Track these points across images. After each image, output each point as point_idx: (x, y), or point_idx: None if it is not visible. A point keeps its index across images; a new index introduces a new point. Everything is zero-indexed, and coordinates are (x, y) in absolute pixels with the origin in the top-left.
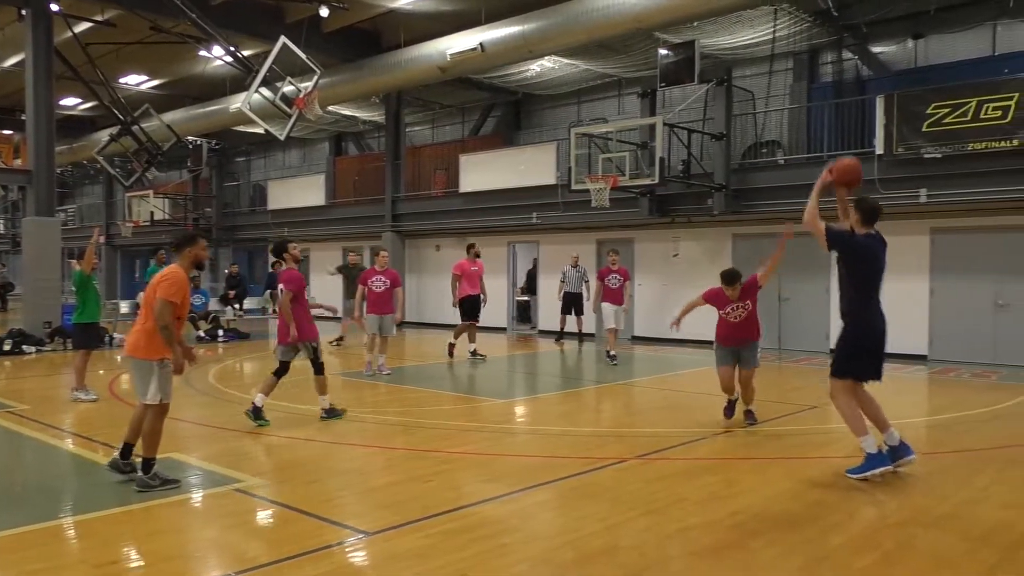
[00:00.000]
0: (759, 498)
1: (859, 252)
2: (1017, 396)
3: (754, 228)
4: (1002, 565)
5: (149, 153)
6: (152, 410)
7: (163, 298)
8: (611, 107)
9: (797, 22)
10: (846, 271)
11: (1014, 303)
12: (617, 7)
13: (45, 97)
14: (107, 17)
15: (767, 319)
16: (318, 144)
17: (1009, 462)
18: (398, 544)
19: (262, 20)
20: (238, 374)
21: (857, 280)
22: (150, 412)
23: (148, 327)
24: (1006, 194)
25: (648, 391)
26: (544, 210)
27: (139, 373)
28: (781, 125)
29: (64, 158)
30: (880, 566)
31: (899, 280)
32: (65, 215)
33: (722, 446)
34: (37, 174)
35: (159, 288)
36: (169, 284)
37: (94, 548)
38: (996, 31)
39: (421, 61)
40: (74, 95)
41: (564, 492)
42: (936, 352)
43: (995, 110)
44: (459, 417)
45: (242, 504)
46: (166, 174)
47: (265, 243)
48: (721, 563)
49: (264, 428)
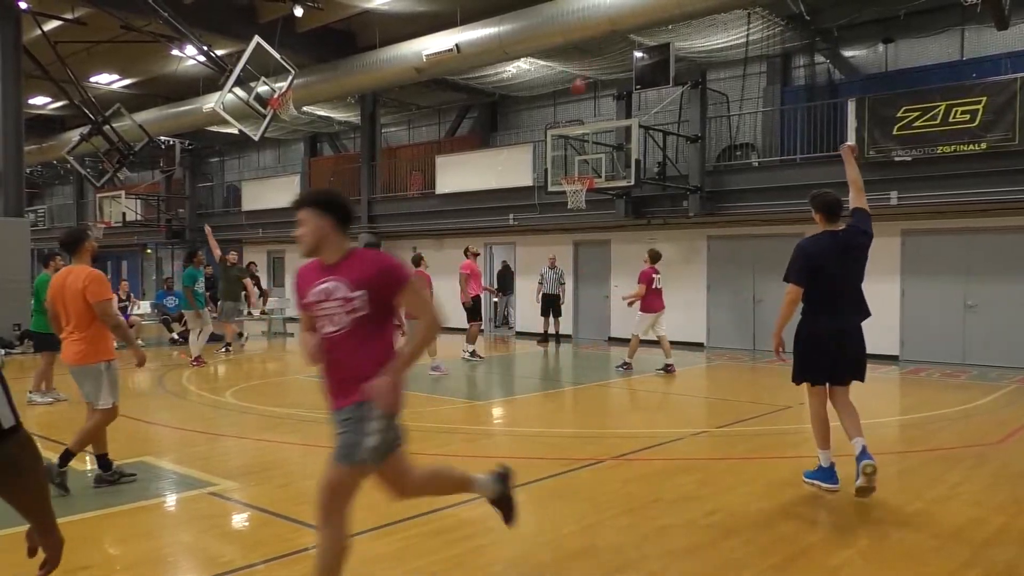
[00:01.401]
0: (735, 497)
1: (808, 263)
2: (986, 395)
3: (729, 230)
4: (973, 562)
5: (120, 153)
6: (104, 414)
7: (103, 300)
8: (587, 109)
9: (770, 26)
10: None
11: (983, 304)
12: (592, 9)
13: (13, 96)
14: (77, 15)
15: (742, 320)
16: (293, 145)
17: (979, 460)
18: (374, 546)
19: (235, 19)
20: (212, 376)
21: (809, 285)
22: (99, 415)
23: (92, 333)
24: (975, 196)
25: (624, 392)
26: (521, 211)
27: (89, 380)
28: (755, 128)
29: (33, 158)
30: (854, 563)
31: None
32: (35, 216)
33: (698, 446)
34: (5, 174)
35: (89, 292)
36: (99, 284)
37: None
38: (964, 36)
39: (397, 62)
40: (44, 94)
41: (541, 493)
42: (907, 353)
43: (964, 114)
44: (435, 419)
45: (216, 507)
46: (138, 174)
47: (240, 244)
48: (698, 562)
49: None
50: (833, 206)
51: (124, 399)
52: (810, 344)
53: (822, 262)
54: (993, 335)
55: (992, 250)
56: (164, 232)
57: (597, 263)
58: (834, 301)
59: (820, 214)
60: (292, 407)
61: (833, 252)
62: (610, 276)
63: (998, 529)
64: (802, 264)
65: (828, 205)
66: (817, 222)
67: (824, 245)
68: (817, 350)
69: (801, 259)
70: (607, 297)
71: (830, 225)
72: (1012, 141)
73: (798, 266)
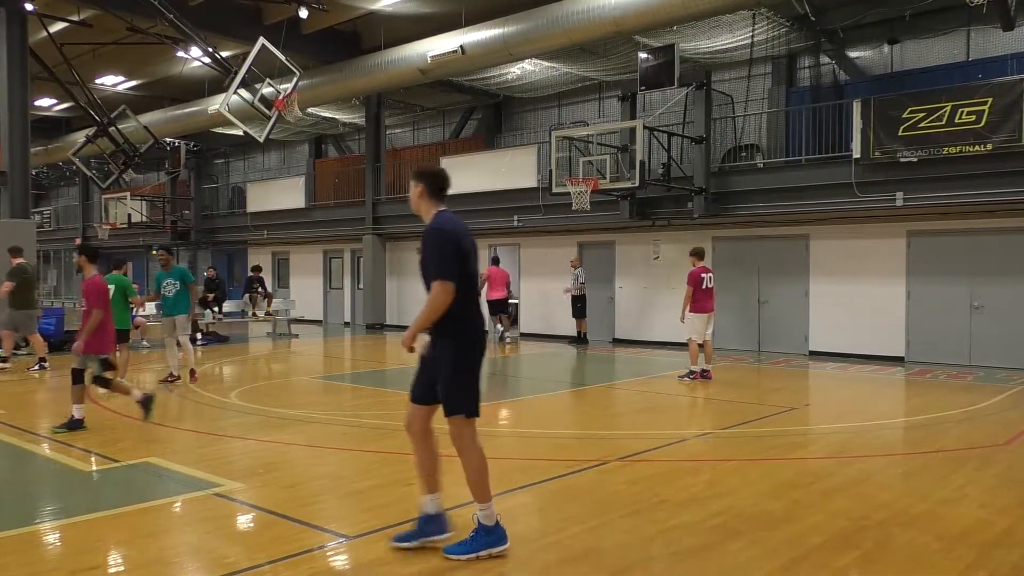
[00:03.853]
0: (739, 499)
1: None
2: (992, 397)
3: (734, 231)
4: (978, 563)
5: (126, 155)
6: None
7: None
8: (591, 110)
9: (775, 27)
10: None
11: (989, 305)
12: (596, 10)
13: (20, 97)
14: (83, 17)
15: (747, 322)
16: (298, 146)
17: (985, 462)
18: (379, 548)
19: (241, 21)
20: (217, 377)
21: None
22: None
23: None
24: (980, 197)
25: (629, 393)
26: (525, 213)
27: None
28: (760, 129)
29: (39, 159)
30: (859, 565)
31: (877, 283)
32: (40, 217)
33: (703, 448)
34: (12, 175)
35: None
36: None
37: (72, 554)
38: (970, 37)
39: (401, 63)
40: (49, 95)
41: (546, 494)
42: (913, 354)
43: (969, 114)
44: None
45: (221, 509)
46: (144, 176)
47: (244, 245)
48: (702, 563)
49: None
50: (444, 179)
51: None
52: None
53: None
54: (999, 336)
55: (998, 251)
56: (169, 233)
57: (602, 264)
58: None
59: (425, 186)
60: (298, 408)
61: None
62: (615, 277)
63: (1004, 531)
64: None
65: (439, 177)
66: (423, 205)
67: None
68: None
69: (447, 235)
70: (612, 299)
71: (438, 205)
72: (1018, 142)
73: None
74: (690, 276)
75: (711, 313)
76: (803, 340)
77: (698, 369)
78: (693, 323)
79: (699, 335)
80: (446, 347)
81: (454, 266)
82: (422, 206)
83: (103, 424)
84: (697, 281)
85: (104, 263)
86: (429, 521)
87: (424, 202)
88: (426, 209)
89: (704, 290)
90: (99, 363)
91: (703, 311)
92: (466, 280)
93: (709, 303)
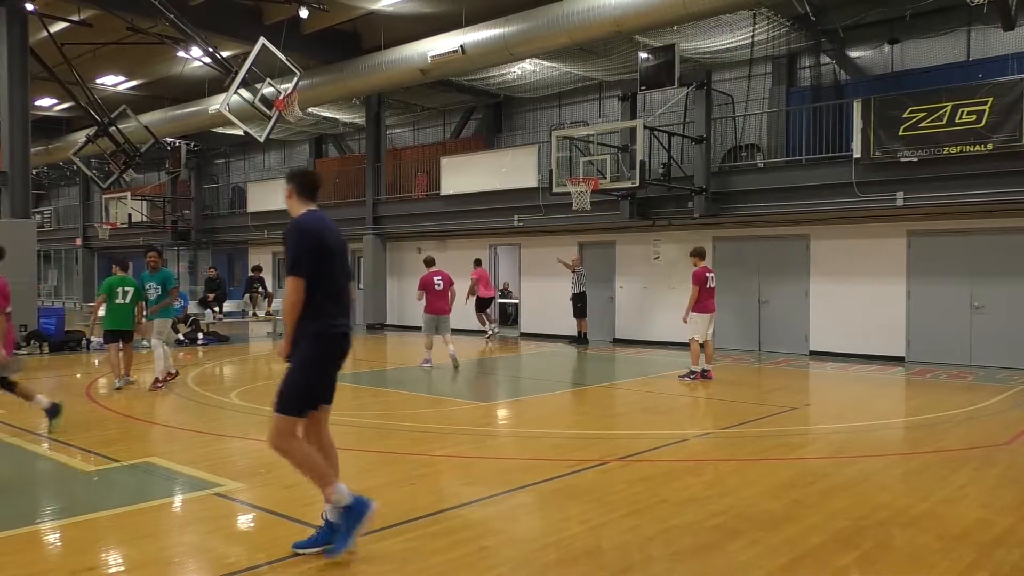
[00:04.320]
0: (740, 499)
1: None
2: (993, 397)
3: (734, 231)
4: (979, 563)
5: (127, 154)
6: None
7: None
8: (592, 110)
9: (776, 27)
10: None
11: (989, 305)
12: (597, 10)
13: (20, 97)
14: (83, 17)
15: (747, 321)
16: (298, 146)
17: (986, 462)
18: (379, 548)
19: (241, 21)
20: (218, 378)
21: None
22: None
23: None
24: (981, 197)
25: (629, 393)
26: (525, 213)
27: None
28: (760, 129)
29: (40, 159)
30: (859, 565)
31: (877, 283)
32: (41, 217)
33: (703, 448)
34: (12, 175)
35: None
36: None
37: (71, 554)
38: (970, 36)
39: (402, 63)
40: (50, 95)
41: (546, 494)
42: (913, 354)
43: (970, 114)
44: (440, 420)
45: (221, 508)
46: (144, 176)
47: (245, 245)
48: (703, 563)
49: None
50: (315, 181)
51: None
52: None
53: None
54: (1000, 336)
55: (999, 251)
56: (170, 233)
57: (602, 264)
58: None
59: (295, 187)
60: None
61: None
62: (615, 277)
63: (1005, 531)
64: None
65: (310, 177)
66: (295, 205)
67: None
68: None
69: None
70: (612, 299)
71: (307, 205)
72: (1018, 142)
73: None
74: (695, 276)
75: (713, 313)
76: (803, 340)
77: (699, 369)
78: (697, 323)
79: (703, 335)
80: (300, 346)
81: (309, 264)
82: (292, 206)
83: (104, 424)
84: (702, 281)
85: (105, 263)
86: (350, 510)
87: (294, 202)
88: (295, 209)
89: (707, 290)
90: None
91: (706, 311)
92: (325, 279)
93: (712, 303)
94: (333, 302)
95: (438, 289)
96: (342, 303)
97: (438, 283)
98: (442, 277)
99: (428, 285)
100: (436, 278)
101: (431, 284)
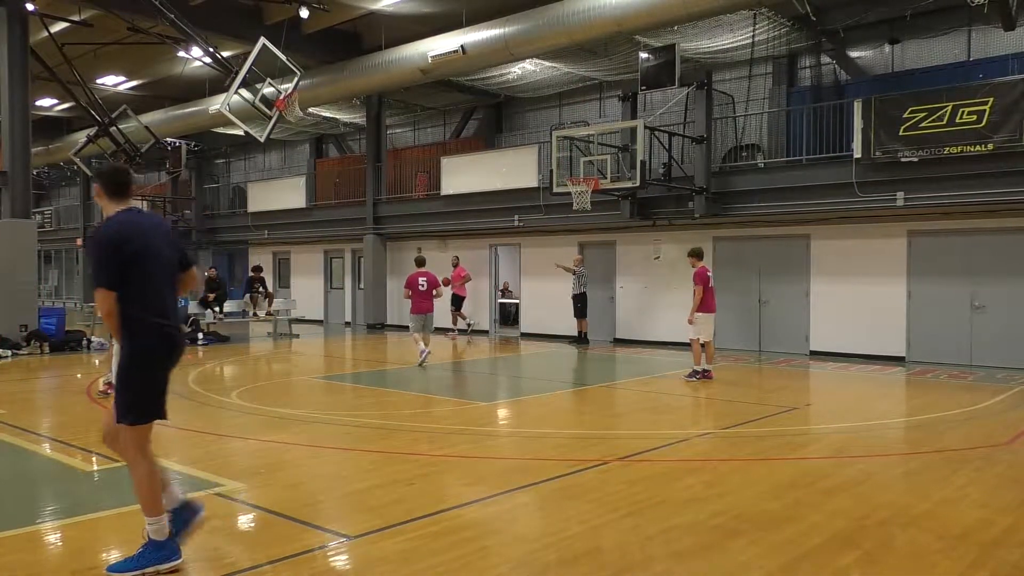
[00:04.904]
0: (740, 499)
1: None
2: (993, 396)
3: (734, 231)
4: (979, 563)
5: (127, 154)
6: None
7: None
8: (592, 110)
9: (776, 27)
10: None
11: (990, 305)
12: (598, 10)
13: (21, 97)
14: (84, 17)
15: (747, 321)
16: (298, 146)
17: (986, 462)
18: (380, 547)
19: (241, 21)
20: (218, 377)
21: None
22: None
23: None
24: (981, 197)
25: (629, 393)
26: (526, 213)
27: None
28: (761, 129)
29: (40, 159)
30: (860, 565)
31: (877, 283)
32: (41, 217)
33: (703, 448)
34: (12, 175)
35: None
36: None
37: (73, 554)
38: (971, 36)
39: (402, 63)
40: (50, 95)
41: (546, 494)
42: (914, 354)
43: (970, 114)
44: (440, 420)
45: (222, 508)
46: (145, 176)
47: (245, 245)
48: (704, 563)
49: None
50: (125, 177)
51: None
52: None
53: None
54: (1000, 336)
55: (999, 251)
56: None
57: (602, 264)
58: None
59: (102, 186)
60: (299, 408)
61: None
62: (616, 277)
63: (1005, 530)
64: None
65: (119, 174)
66: (105, 206)
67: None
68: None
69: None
70: (612, 299)
71: (118, 204)
72: (1019, 142)
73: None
74: (699, 276)
75: (714, 313)
76: (804, 340)
77: (701, 369)
78: (702, 324)
79: (708, 335)
80: (121, 354)
81: (110, 273)
82: (104, 206)
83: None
84: (706, 280)
85: None
86: (178, 513)
87: (102, 202)
88: (107, 209)
89: (709, 289)
90: None
91: (709, 311)
92: (136, 283)
93: (713, 302)
94: (151, 304)
95: (422, 289)
96: (163, 303)
97: (423, 284)
98: (427, 278)
99: (413, 285)
100: (421, 279)
101: (416, 284)
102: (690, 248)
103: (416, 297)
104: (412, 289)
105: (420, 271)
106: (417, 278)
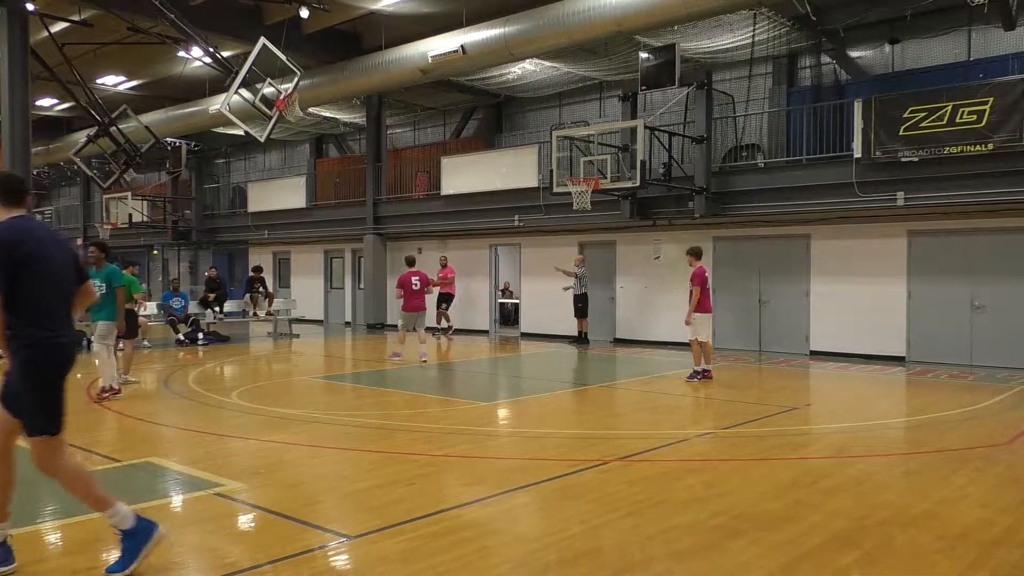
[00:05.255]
0: (740, 499)
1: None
2: (993, 396)
3: (735, 231)
4: (979, 563)
5: (127, 154)
6: None
7: None
8: (592, 110)
9: (776, 27)
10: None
11: (990, 305)
12: (598, 10)
13: (21, 97)
14: (84, 17)
15: (747, 321)
16: (299, 146)
17: (986, 462)
18: (380, 547)
19: (241, 21)
20: (218, 377)
21: None
22: None
23: None
24: (981, 197)
25: (630, 393)
26: (526, 213)
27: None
28: (761, 129)
29: (40, 159)
30: (860, 565)
31: (877, 283)
32: (42, 217)
33: (703, 448)
34: None
35: None
36: None
37: (72, 554)
38: (971, 36)
39: (402, 63)
40: (50, 95)
41: (546, 494)
42: (914, 354)
43: (970, 114)
44: (440, 420)
45: (223, 508)
46: (145, 176)
47: (245, 245)
48: (704, 563)
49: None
50: (19, 184)
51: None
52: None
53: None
54: (1000, 336)
55: (999, 251)
56: (170, 234)
57: (602, 264)
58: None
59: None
60: (299, 408)
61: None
62: (616, 277)
63: (1005, 530)
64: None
65: (12, 181)
66: None
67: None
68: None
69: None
70: (612, 299)
71: (9, 211)
72: (1019, 141)
73: None
74: (697, 276)
75: (711, 313)
76: (804, 340)
77: (701, 369)
78: (701, 324)
79: (706, 335)
80: (15, 366)
81: (1, 279)
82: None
83: (104, 424)
84: (705, 280)
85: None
86: (134, 533)
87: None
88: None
89: (706, 289)
90: None
91: (708, 310)
92: (26, 291)
93: (710, 302)
94: (44, 313)
95: (415, 288)
96: (57, 312)
97: (415, 283)
98: (419, 277)
99: (406, 284)
100: (414, 278)
101: (408, 284)
102: (689, 247)
103: (408, 295)
104: (405, 288)
105: (412, 270)
106: (410, 277)
